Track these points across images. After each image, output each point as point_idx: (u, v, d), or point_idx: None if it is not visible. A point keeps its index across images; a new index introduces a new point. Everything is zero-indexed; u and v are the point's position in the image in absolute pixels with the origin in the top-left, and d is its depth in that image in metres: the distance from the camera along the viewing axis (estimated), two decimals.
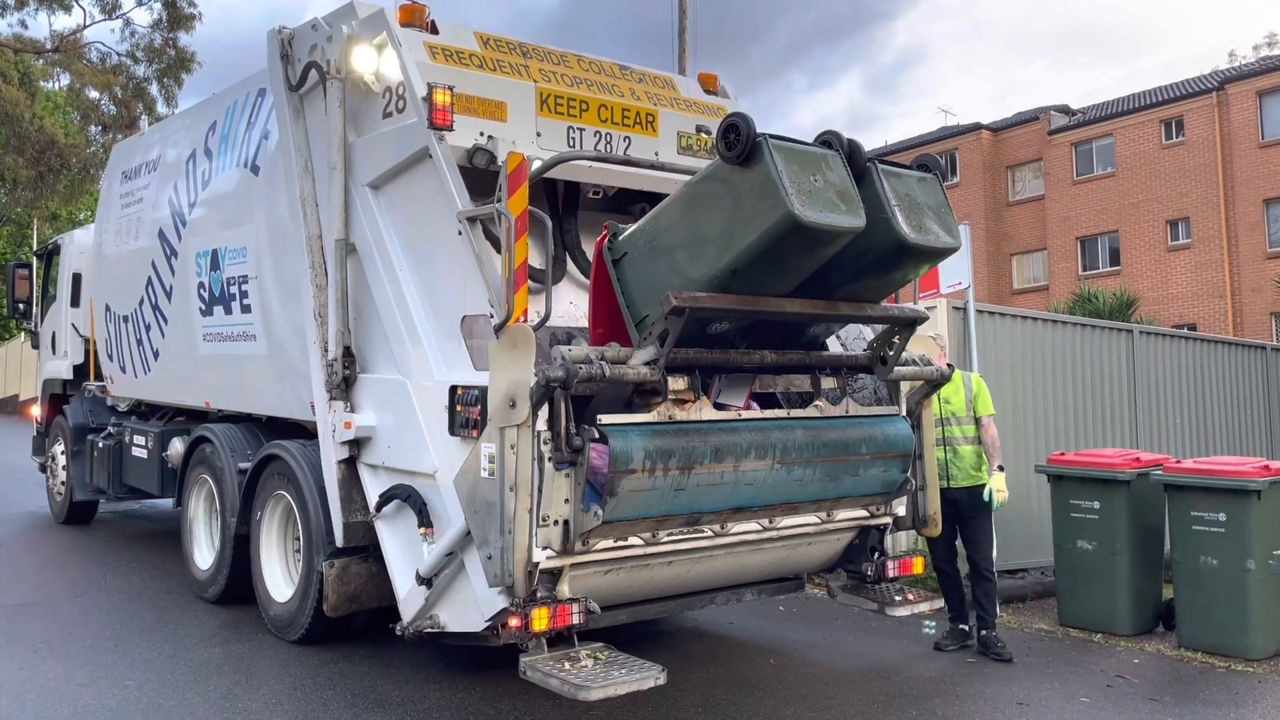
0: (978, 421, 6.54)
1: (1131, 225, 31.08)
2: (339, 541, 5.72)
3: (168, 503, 9.17)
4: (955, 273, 8.81)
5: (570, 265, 6.12)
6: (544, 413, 4.43)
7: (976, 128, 35.83)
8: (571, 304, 6.05)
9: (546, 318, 4.80)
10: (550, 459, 4.49)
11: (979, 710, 5.46)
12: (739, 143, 4.19)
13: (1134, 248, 31.00)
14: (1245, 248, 28.73)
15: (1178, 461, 7.24)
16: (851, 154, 4.55)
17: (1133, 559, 7.09)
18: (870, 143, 49.76)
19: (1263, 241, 28.46)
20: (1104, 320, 12.47)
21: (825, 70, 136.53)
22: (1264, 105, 28.85)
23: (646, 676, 4.47)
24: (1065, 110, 35.53)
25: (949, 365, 5.86)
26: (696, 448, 4.58)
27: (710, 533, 4.97)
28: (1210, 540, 6.64)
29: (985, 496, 6.43)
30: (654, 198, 6.71)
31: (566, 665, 4.51)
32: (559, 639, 4.66)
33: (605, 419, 4.47)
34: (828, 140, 4.56)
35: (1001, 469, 6.53)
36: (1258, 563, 6.43)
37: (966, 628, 6.53)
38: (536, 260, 4.99)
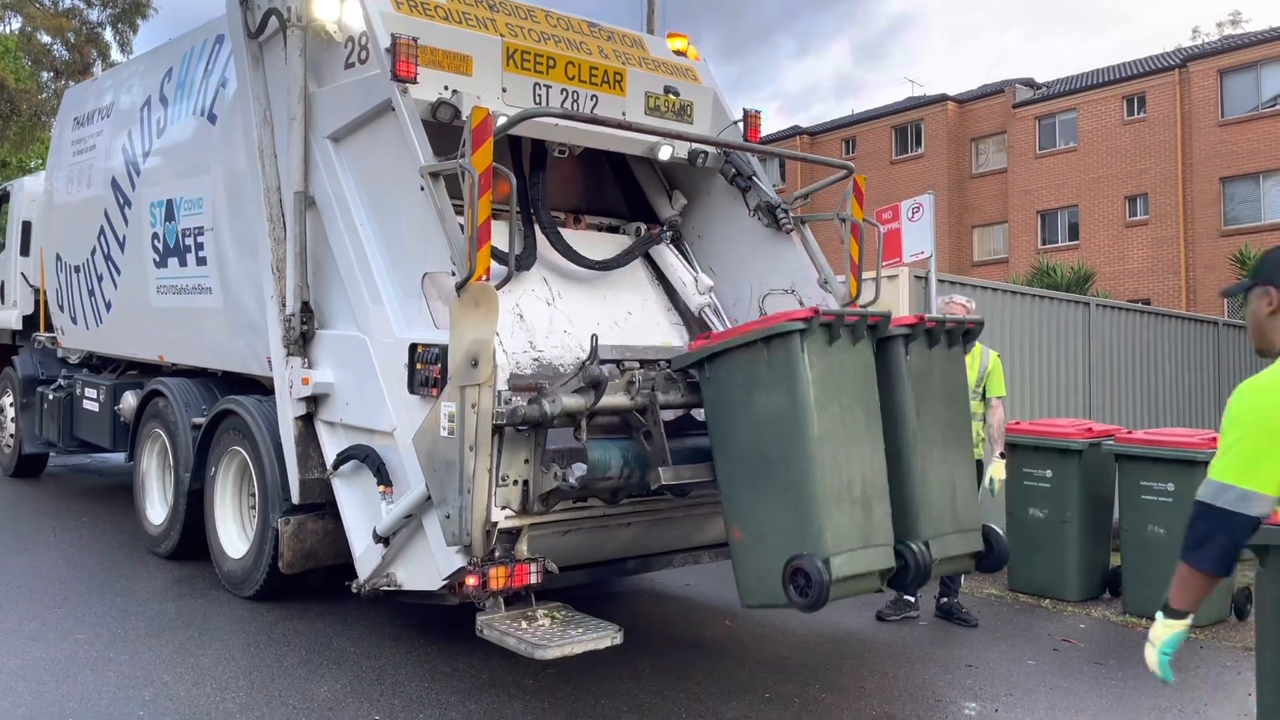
0: (985, 400, 6.57)
1: (1091, 200, 31.40)
2: (295, 499, 5.66)
3: (119, 457, 9.05)
4: (918, 242, 8.86)
5: (541, 245, 6.04)
6: (503, 375, 4.44)
7: (943, 99, 35.92)
8: (545, 280, 5.98)
9: (508, 279, 4.76)
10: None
11: (929, 672, 5.56)
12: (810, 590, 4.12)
13: (1093, 223, 31.35)
14: (1201, 225, 29.15)
15: (1129, 432, 7.38)
16: None
17: (1082, 527, 7.22)
18: (839, 112, 49.47)
19: (1218, 219, 28.88)
20: (1061, 293, 12.61)
21: (815, 35, 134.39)
22: (1225, 83, 29.16)
23: (603, 636, 4.50)
24: (1030, 84, 35.69)
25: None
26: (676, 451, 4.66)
27: (669, 496, 4.98)
28: (1158, 510, 6.78)
29: (985, 483, 6.48)
30: (620, 158, 6.68)
31: (523, 624, 4.52)
32: (516, 598, 4.68)
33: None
34: None
35: (1004, 456, 6.58)
36: None
37: (913, 599, 6.60)
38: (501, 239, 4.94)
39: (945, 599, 6.61)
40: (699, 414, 4.87)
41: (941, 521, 4.77)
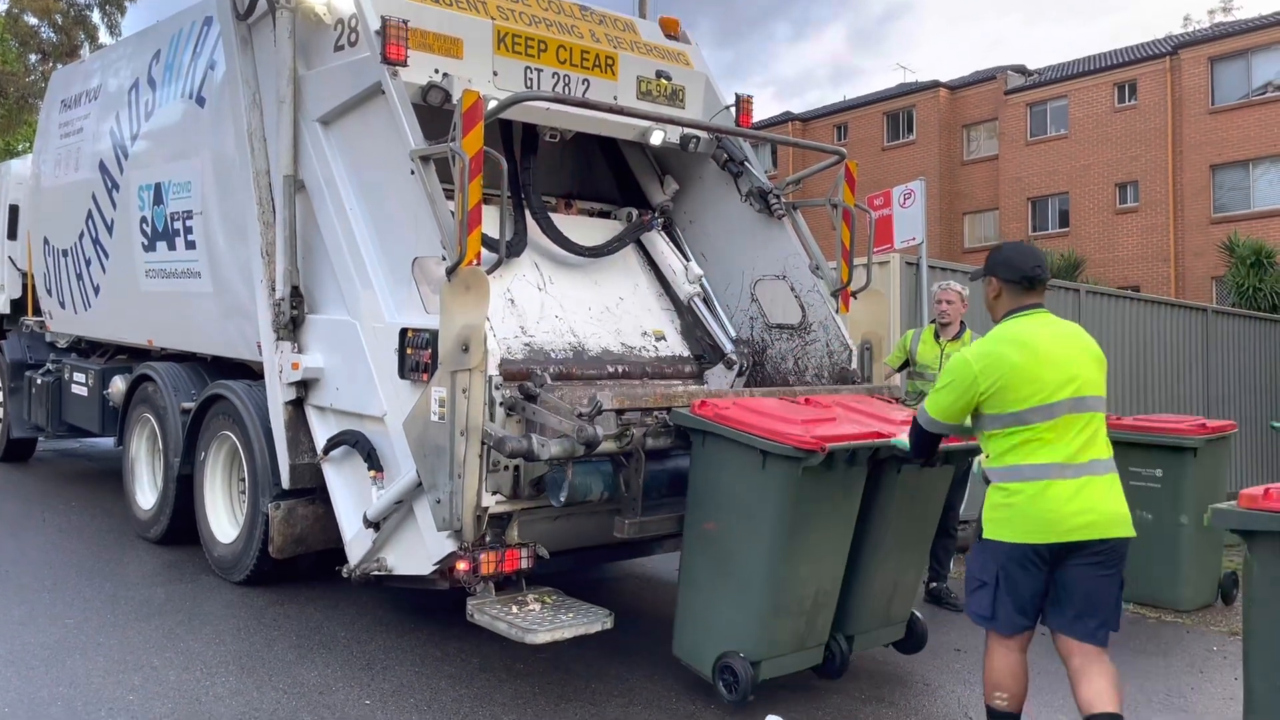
0: None
1: (1081, 187, 31.42)
2: (285, 483, 5.66)
3: (108, 441, 9.02)
4: (909, 229, 8.86)
5: (532, 231, 6.03)
6: (494, 360, 4.43)
7: (934, 85, 35.86)
8: (536, 266, 5.96)
9: (498, 264, 4.75)
10: (502, 404, 4.48)
11: (918, 656, 5.57)
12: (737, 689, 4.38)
13: (1083, 210, 31.38)
14: (1190, 212, 29.21)
15: (1118, 418, 7.38)
16: None
17: None
18: (834, 98, 49.26)
19: (1207, 207, 28.95)
20: (1052, 279, 12.62)
21: (811, 21, 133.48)
22: (1215, 71, 29.17)
23: (594, 621, 4.51)
24: (1022, 70, 35.65)
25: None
26: (655, 473, 4.72)
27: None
28: (1146, 495, 6.80)
29: (974, 469, 6.48)
30: (612, 143, 6.66)
31: (514, 609, 4.53)
32: (507, 583, 4.68)
33: None
34: None
35: None
36: (1191, 518, 6.61)
37: None
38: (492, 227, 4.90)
39: (934, 584, 6.63)
40: None
41: (874, 619, 4.96)
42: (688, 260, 6.56)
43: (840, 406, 4.99)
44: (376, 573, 5.02)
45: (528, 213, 6.04)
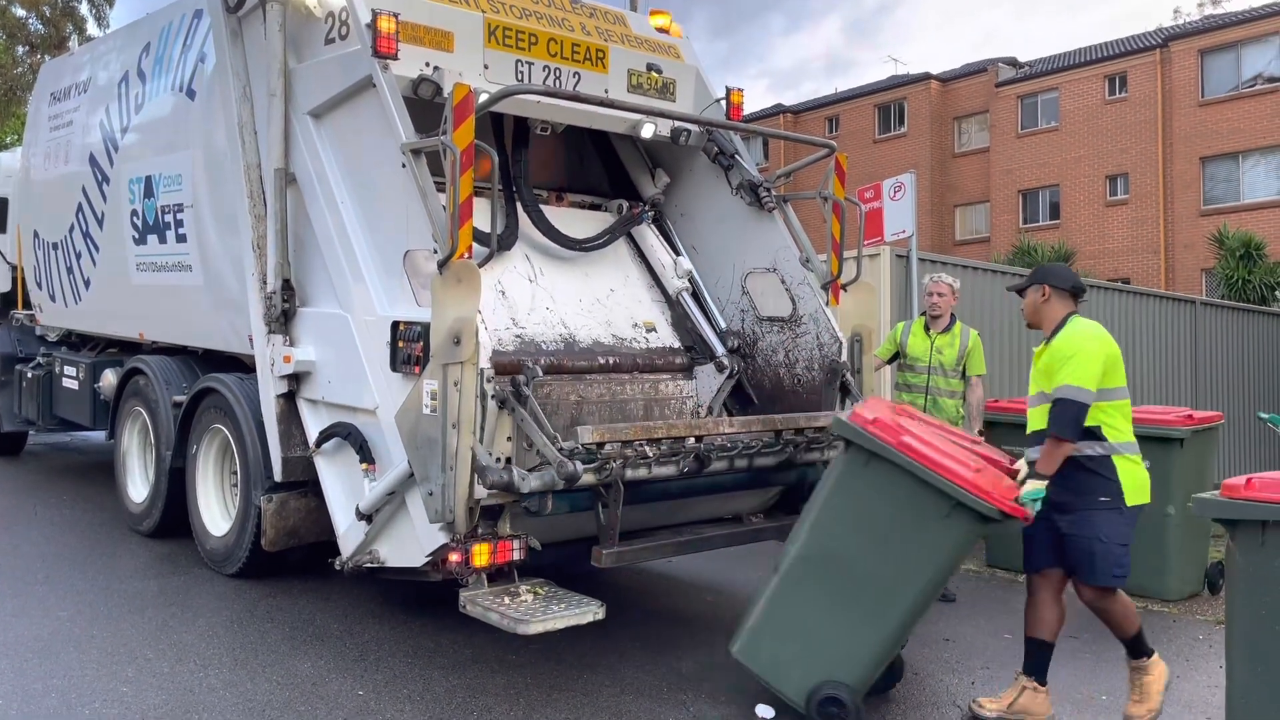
0: (965, 378, 6.61)
1: (1072, 180, 31.49)
2: (277, 476, 5.66)
3: (99, 435, 9.01)
4: (899, 221, 8.90)
5: (523, 223, 6.04)
6: (485, 353, 4.46)
7: (926, 78, 35.87)
8: (527, 258, 5.97)
9: (489, 257, 4.76)
10: (493, 396, 4.50)
11: (906, 647, 5.61)
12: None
13: (1074, 202, 31.45)
14: (1180, 205, 29.30)
15: None
16: None
17: None
18: (829, 90, 49.01)
19: (1197, 199, 29.03)
20: None
21: (806, 12, 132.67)
22: (1205, 64, 29.24)
23: (585, 612, 4.53)
24: (1013, 63, 35.69)
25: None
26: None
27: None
28: None
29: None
30: (603, 136, 6.67)
31: (506, 600, 4.55)
32: (499, 574, 4.70)
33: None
34: None
35: (982, 434, 6.62)
36: (1177, 508, 6.66)
37: None
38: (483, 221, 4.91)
39: None
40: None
41: None
42: (677, 255, 6.59)
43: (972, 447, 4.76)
44: (369, 565, 5.04)
45: (519, 205, 6.06)
